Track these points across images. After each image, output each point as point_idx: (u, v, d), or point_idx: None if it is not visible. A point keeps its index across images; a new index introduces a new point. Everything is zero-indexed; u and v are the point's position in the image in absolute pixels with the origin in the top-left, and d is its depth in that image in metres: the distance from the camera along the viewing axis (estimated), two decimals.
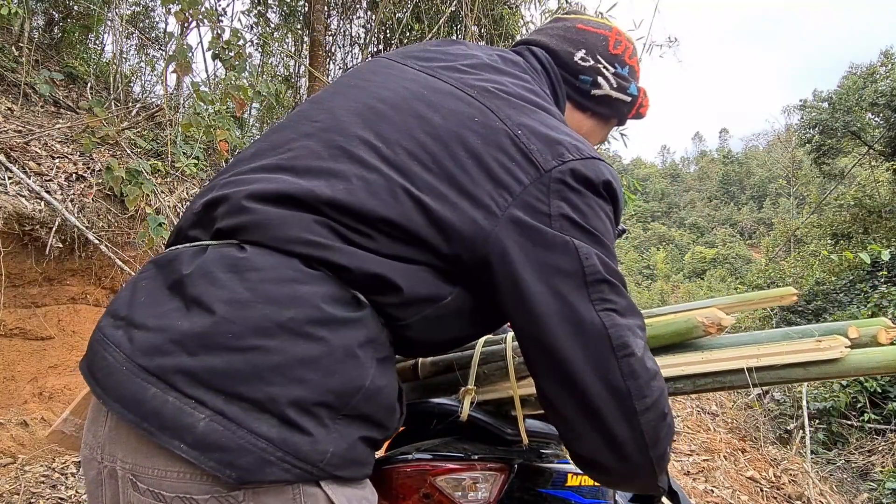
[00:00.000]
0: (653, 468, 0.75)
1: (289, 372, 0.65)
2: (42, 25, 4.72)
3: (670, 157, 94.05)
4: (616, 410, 0.71)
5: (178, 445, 0.62)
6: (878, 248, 6.22)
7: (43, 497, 2.66)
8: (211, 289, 0.68)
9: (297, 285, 0.68)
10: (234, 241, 0.73)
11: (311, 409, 0.65)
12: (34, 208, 2.99)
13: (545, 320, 0.72)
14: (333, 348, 0.67)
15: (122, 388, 0.65)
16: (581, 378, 0.71)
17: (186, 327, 0.66)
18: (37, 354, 3.18)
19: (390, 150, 0.76)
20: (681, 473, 4.27)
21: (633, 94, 1.03)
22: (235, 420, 0.62)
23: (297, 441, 0.64)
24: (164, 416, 0.63)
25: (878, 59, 15.28)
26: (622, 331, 0.72)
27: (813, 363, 0.73)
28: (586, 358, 0.71)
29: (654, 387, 0.73)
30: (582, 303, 0.72)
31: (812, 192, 20.84)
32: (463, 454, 1.01)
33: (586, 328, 0.71)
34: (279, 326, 0.66)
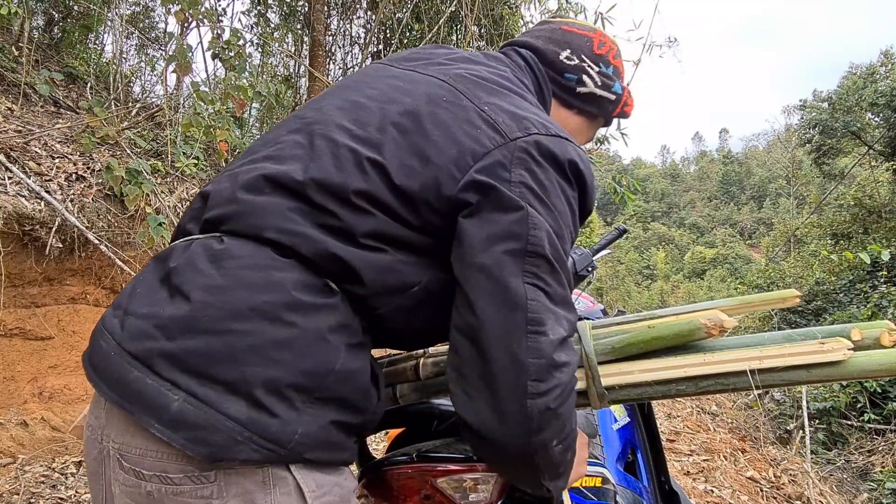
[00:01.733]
0: (532, 458, 0.72)
1: (263, 353, 0.67)
2: (42, 25, 4.72)
3: (670, 157, 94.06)
4: (510, 383, 0.69)
5: (153, 424, 0.65)
6: (878, 248, 6.22)
7: (43, 497, 2.65)
8: (192, 277, 0.72)
9: (271, 271, 0.71)
10: (216, 234, 0.77)
11: (283, 391, 0.67)
12: (34, 208, 2.99)
13: (474, 273, 0.72)
14: (305, 332, 0.69)
15: (111, 371, 0.70)
16: (487, 338, 0.70)
17: (169, 313, 0.70)
18: (37, 354, 3.18)
19: (362, 130, 0.79)
20: (681, 473, 4.27)
21: (617, 92, 1.06)
22: (206, 401, 0.65)
23: (266, 422, 0.66)
24: (143, 397, 0.66)
25: (878, 59, 15.29)
26: (542, 309, 0.71)
27: (816, 365, 0.72)
28: (498, 320, 0.70)
29: (556, 377, 0.71)
30: (513, 268, 0.71)
31: (812, 192, 20.86)
32: (464, 455, 1.01)
33: (509, 293, 0.71)
34: (254, 310, 0.68)
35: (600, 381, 0.79)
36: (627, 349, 0.79)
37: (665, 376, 0.76)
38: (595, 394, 0.80)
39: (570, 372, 0.73)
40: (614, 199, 5.08)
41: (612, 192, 5.01)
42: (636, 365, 0.79)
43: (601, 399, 0.80)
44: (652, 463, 1.69)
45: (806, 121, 15.54)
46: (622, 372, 0.79)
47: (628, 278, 29.06)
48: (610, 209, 50.32)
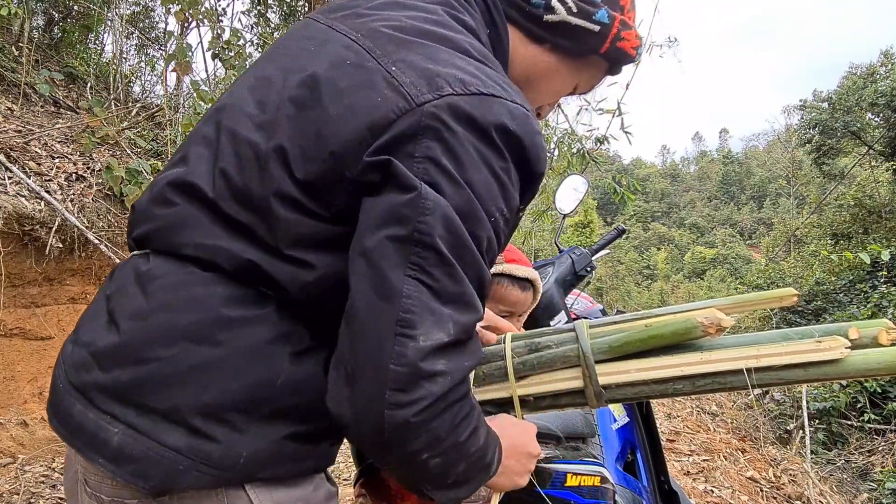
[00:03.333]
0: (397, 467, 0.65)
1: (194, 378, 0.64)
2: (42, 25, 4.72)
3: (670, 157, 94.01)
4: (369, 386, 0.60)
5: (97, 459, 0.64)
6: (878, 248, 6.22)
7: (43, 497, 2.65)
8: (121, 303, 0.69)
9: (193, 289, 0.67)
10: (144, 252, 0.73)
11: (221, 415, 0.64)
12: (34, 208, 2.99)
13: (356, 256, 0.63)
14: (237, 349, 0.65)
15: (60, 404, 0.69)
16: (355, 332, 0.61)
17: (102, 343, 0.68)
18: (37, 354, 3.18)
19: (263, 114, 0.70)
20: (681, 473, 4.27)
21: (601, 21, 0.81)
22: (145, 432, 0.64)
23: (207, 448, 0.64)
24: (86, 431, 0.65)
25: (878, 59, 15.28)
26: (418, 309, 0.60)
27: (813, 364, 0.72)
28: (369, 315, 0.61)
29: (424, 387, 0.59)
30: (395, 258, 0.61)
31: (812, 192, 20.84)
32: None
33: (385, 285, 0.60)
34: (179, 334, 0.65)
35: (597, 379, 0.79)
36: (624, 348, 0.79)
37: (662, 375, 0.76)
38: (592, 393, 0.80)
39: (448, 383, 0.61)
40: (614, 199, 5.08)
41: (612, 192, 5.01)
42: (633, 364, 0.79)
43: (598, 398, 0.80)
44: (651, 463, 1.69)
45: (806, 121, 15.53)
46: (619, 371, 0.79)
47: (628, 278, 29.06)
48: (610, 209, 50.29)
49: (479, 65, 0.70)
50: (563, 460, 1.18)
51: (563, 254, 1.73)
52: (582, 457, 1.27)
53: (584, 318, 1.84)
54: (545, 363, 0.84)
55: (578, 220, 20.36)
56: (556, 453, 1.20)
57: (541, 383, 0.85)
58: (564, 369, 0.83)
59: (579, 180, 1.90)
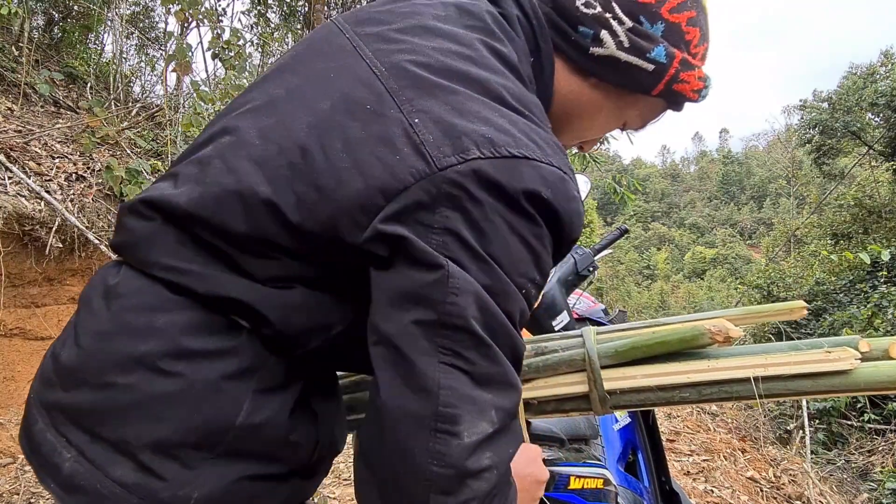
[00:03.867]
0: None
1: (147, 410, 0.60)
2: (42, 25, 4.72)
3: (670, 157, 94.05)
4: (407, 493, 0.55)
5: (49, 484, 0.62)
6: (878, 248, 6.21)
7: (43, 497, 2.65)
8: (86, 318, 0.66)
9: (155, 314, 0.62)
10: (119, 260, 0.69)
11: (172, 452, 0.60)
12: (34, 208, 2.99)
13: (377, 342, 0.57)
14: (193, 383, 0.60)
15: (26, 418, 0.66)
16: (385, 428, 0.55)
17: (65, 359, 0.64)
18: (37, 354, 3.18)
19: (264, 147, 0.63)
20: (681, 473, 4.27)
21: (656, 59, 0.72)
22: (94, 462, 0.60)
23: (154, 487, 0.59)
24: (42, 452, 0.62)
25: (878, 59, 15.28)
26: (458, 400, 0.54)
27: (821, 374, 0.71)
28: (399, 409, 0.54)
29: (472, 487, 0.54)
30: (423, 344, 0.54)
31: (812, 192, 20.85)
32: None
33: (415, 375, 0.54)
34: (136, 361, 0.60)
35: (602, 384, 0.79)
36: (631, 353, 0.78)
37: (668, 381, 0.75)
38: (597, 397, 0.80)
39: (495, 478, 0.56)
40: (614, 199, 5.08)
41: (612, 192, 5.01)
42: (639, 370, 0.78)
43: (603, 403, 0.80)
44: (652, 463, 1.69)
45: (806, 121, 15.53)
46: (625, 376, 0.78)
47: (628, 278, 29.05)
48: (610, 209, 50.30)
49: (513, 116, 0.61)
50: (567, 463, 1.18)
51: None
52: (585, 459, 1.27)
53: (587, 317, 1.85)
54: (550, 366, 0.84)
55: None
56: (560, 456, 1.20)
57: (546, 387, 0.84)
58: (570, 373, 0.83)
59: (581, 179, 1.89)
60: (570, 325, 1.57)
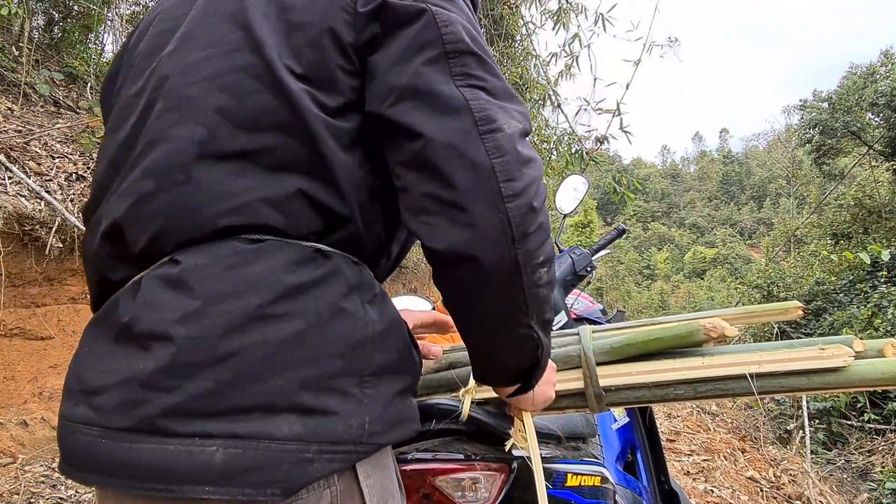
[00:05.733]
0: (519, 280, 0.62)
1: (282, 359, 0.58)
2: (42, 25, 4.72)
3: (670, 157, 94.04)
4: (481, 191, 0.60)
5: (203, 490, 0.55)
6: (878, 248, 6.22)
7: (43, 497, 2.65)
8: (159, 316, 0.59)
9: (245, 268, 0.60)
10: (165, 259, 0.63)
11: (329, 385, 0.59)
12: (34, 208, 2.99)
13: (396, 99, 0.62)
14: (316, 314, 0.60)
15: (112, 459, 0.58)
16: (436, 156, 0.60)
17: (152, 366, 0.58)
18: (37, 354, 3.18)
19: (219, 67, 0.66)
20: (681, 473, 4.27)
21: None
22: (252, 435, 0.56)
23: (327, 425, 0.58)
24: (173, 468, 0.55)
25: (878, 59, 15.28)
26: (487, 105, 0.62)
27: (816, 371, 0.71)
28: (443, 132, 0.60)
29: (526, 173, 0.62)
30: (439, 77, 0.62)
31: (812, 192, 20.83)
32: (462, 454, 1.01)
33: (444, 101, 0.61)
34: (247, 319, 0.58)
35: (598, 381, 0.79)
36: (626, 350, 0.79)
37: (663, 378, 0.75)
38: (593, 394, 0.80)
39: (539, 168, 0.64)
40: (614, 199, 5.07)
41: (612, 191, 5.01)
42: (634, 367, 0.78)
43: (599, 400, 0.80)
44: (651, 463, 1.69)
45: (806, 121, 15.52)
46: (620, 373, 0.79)
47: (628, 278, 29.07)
48: (610, 209, 50.30)
49: None
50: (564, 460, 1.18)
51: (563, 254, 1.73)
52: (582, 457, 1.27)
53: (585, 318, 1.85)
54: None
55: (578, 220, 20.37)
56: (557, 453, 1.20)
57: None
58: (566, 370, 0.83)
59: (579, 180, 1.90)
60: (568, 325, 1.57)
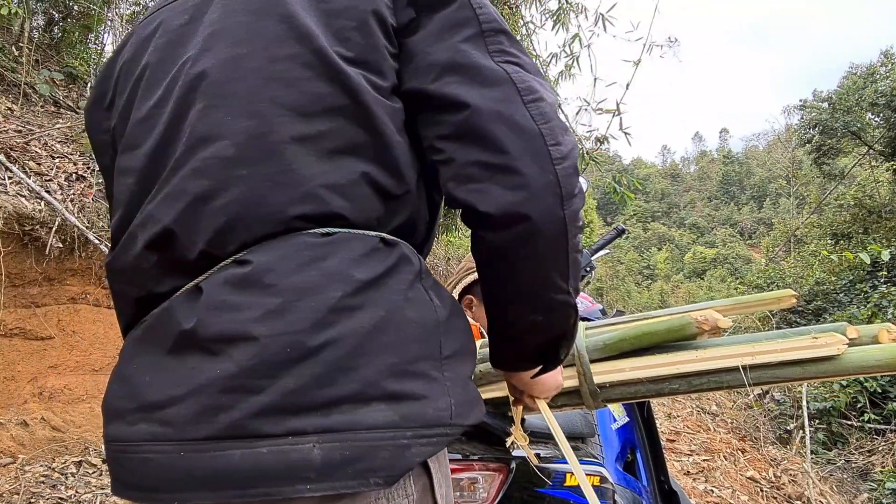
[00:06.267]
0: (565, 238, 0.65)
1: (367, 348, 0.58)
2: (42, 25, 4.72)
3: (670, 157, 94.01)
4: (532, 154, 0.63)
5: (304, 489, 0.54)
6: (878, 248, 6.21)
7: (43, 497, 2.66)
8: (233, 317, 0.58)
9: (320, 263, 0.60)
10: (227, 262, 0.62)
11: (411, 370, 0.60)
12: (34, 208, 3.00)
13: (437, 76, 0.65)
14: (390, 302, 0.61)
15: (197, 472, 0.56)
16: (485, 123, 0.63)
17: (232, 369, 0.57)
18: (37, 354, 3.18)
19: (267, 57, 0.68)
20: (681, 473, 4.27)
21: None
22: (346, 427, 0.56)
23: (418, 409, 0.59)
24: (268, 470, 0.54)
25: (878, 59, 15.27)
26: (527, 78, 0.66)
27: (810, 361, 0.71)
28: (490, 101, 0.64)
29: (568, 139, 0.66)
30: (479, 52, 0.66)
31: (812, 192, 20.82)
32: (461, 454, 1.01)
33: (486, 74, 0.65)
34: (331, 312, 0.58)
35: (592, 377, 0.79)
36: (619, 345, 0.79)
37: (657, 373, 0.75)
38: (587, 391, 0.80)
39: (573, 139, 0.68)
40: (614, 199, 5.07)
41: (612, 191, 5.00)
42: (628, 362, 0.78)
43: (594, 397, 0.80)
44: (651, 462, 1.69)
45: (806, 121, 15.52)
46: (614, 369, 0.79)
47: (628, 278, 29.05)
48: (610, 209, 50.30)
49: None
50: (563, 460, 1.18)
51: None
52: (581, 457, 1.27)
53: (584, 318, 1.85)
54: None
55: None
56: (556, 453, 1.20)
57: None
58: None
59: (581, 180, 1.90)
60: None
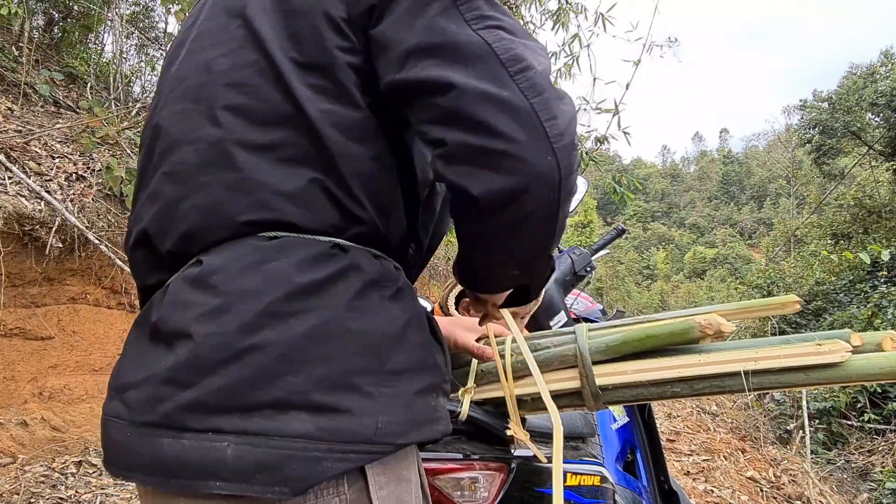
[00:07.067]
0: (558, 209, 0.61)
1: (297, 356, 0.57)
2: (42, 25, 4.72)
3: (670, 157, 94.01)
4: (524, 134, 0.57)
5: (215, 485, 0.55)
6: (878, 248, 6.22)
7: (43, 497, 2.66)
8: (182, 314, 0.61)
9: (263, 266, 0.60)
10: (192, 261, 0.65)
11: (342, 383, 0.58)
12: (34, 208, 3.00)
13: (413, 59, 0.60)
14: (331, 311, 0.59)
15: (139, 454, 0.59)
16: (470, 105, 0.57)
17: (171, 363, 0.59)
18: (37, 354, 3.18)
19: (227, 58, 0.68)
20: (681, 473, 4.27)
21: None
22: (262, 432, 0.56)
23: (339, 423, 0.57)
24: (188, 460, 0.56)
25: (878, 59, 15.28)
26: (511, 45, 0.59)
27: (813, 367, 0.71)
28: (472, 79, 0.57)
29: (565, 109, 0.60)
30: (454, 24, 0.60)
31: (812, 192, 20.82)
32: (462, 454, 1.01)
33: (464, 49, 0.59)
34: (263, 316, 0.58)
35: (594, 380, 0.79)
36: (622, 348, 0.79)
37: (659, 376, 0.75)
38: (589, 393, 0.80)
39: (572, 101, 0.62)
40: (614, 199, 5.07)
41: (612, 191, 5.00)
42: (631, 365, 0.78)
43: (595, 399, 0.80)
44: (651, 462, 1.69)
45: (806, 121, 15.52)
46: (616, 372, 0.79)
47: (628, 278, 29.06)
48: (610, 209, 50.31)
49: None
50: (563, 460, 1.18)
51: (562, 254, 1.73)
52: (581, 456, 1.27)
53: (584, 318, 1.85)
54: (543, 362, 0.84)
55: (578, 220, 20.37)
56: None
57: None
58: (562, 369, 0.83)
59: (579, 180, 1.90)
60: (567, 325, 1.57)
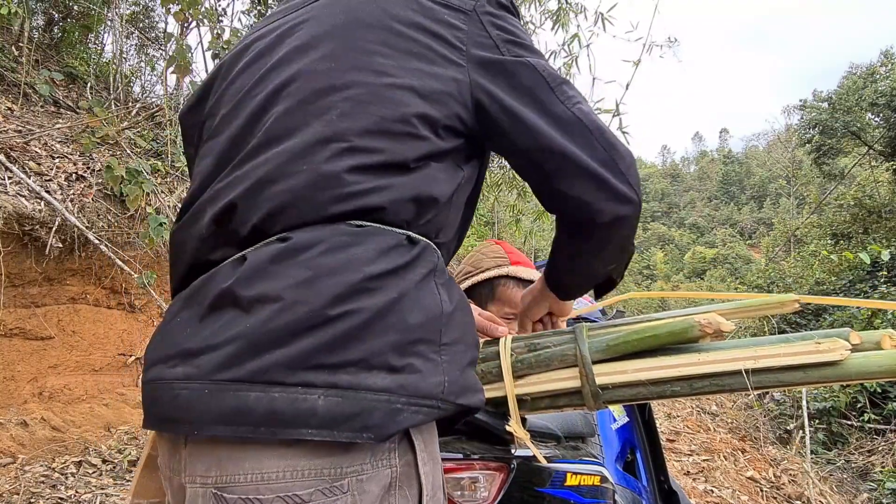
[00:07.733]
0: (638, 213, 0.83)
1: (377, 324, 0.67)
2: (42, 25, 4.72)
3: (670, 157, 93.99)
4: (613, 177, 0.79)
5: (306, 432, 0.63)
6: (878, 248, 6.22)
7: (43, 497, 2.66)
8: (269, 283, 0.68)
9: (350, 249, 0.70)
10: (271, 239, 0.72)
11: (411, 349, 0.68)
12: (34, 208, 3.00)
13: (539, 129, 0.79)
14: (403, 290, 0.70)
15: (217, 407, 0.65)
16: (578, 161, 0.78)
17: (260, 325, 0.66)
18: (37, 354, 3.18)
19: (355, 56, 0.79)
20: (681, 473, 4.27)
21: None
22: (350, 386, 0.65)
23: (413, 381, 0.67)
24: (278, 413, 0.63)
25: (878, 59, 15.28)
26: (591, 115, 0.81)
27: (812, 366, 0.71)
28: (577, 145, 0.78)
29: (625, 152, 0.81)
30: (557, 106, 0.80)
31: (812, 192, 20.82)
32: (462, 454, 1.01)
33: (568, 124, 0.79)
34: (350, 289, 0.67)
35: (594, 379, 0.79)
36: (621, 347, 0.79)
37: (659, 375, 0.75)
38: (589, 393, 0.80)
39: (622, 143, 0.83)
40: None
41: None
42: (630, 364, 0.78)
43: (595, 398, 0.80)
44: (651, 462, 1.70)
45: (806, 121, 15.52)
46: (616, 371, 0.79)
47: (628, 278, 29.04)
48: None
49: None
50: (563, 459, 1.18)
51: None
52: (581, 456, 1.27)
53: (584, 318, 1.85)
54: (542, 362, 0.84)
55: None
56: (556, 452, 1.20)
57: (538, 383, 0.85)
58: (562, 369, 0.83)
59: None
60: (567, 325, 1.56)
